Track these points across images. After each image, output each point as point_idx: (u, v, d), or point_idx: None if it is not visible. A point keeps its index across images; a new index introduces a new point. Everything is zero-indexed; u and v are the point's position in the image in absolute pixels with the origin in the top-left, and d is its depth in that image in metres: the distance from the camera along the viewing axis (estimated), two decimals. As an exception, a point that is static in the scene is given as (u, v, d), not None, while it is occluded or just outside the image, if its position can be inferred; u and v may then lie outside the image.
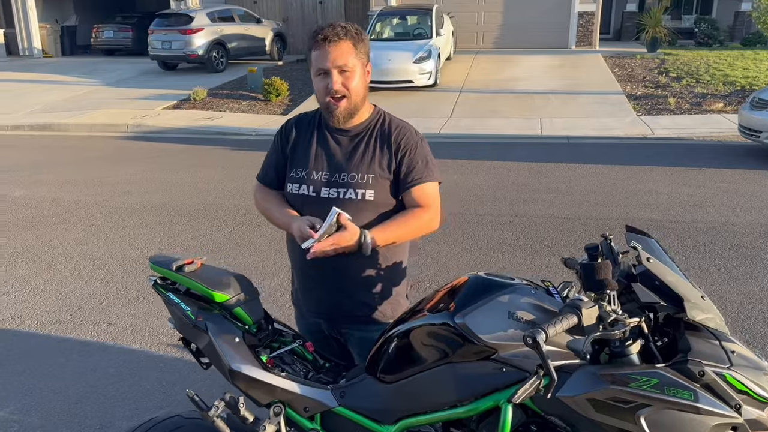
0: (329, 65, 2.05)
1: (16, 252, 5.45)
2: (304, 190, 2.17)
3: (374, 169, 2.13)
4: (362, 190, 2.12)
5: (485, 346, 1.66)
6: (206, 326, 1.85)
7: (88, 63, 18.91)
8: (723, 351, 1.61)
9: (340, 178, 2.14)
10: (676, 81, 12.98)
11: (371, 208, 2.13)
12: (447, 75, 14.41)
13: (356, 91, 2.10)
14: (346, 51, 2.05)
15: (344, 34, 2.06)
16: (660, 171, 7.63)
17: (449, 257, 5.16)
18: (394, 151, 2.15)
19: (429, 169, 2.16)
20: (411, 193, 2.13)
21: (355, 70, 2.08)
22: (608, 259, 1.85)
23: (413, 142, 2.17)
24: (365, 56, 2.13)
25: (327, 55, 2.04)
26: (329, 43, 2.04)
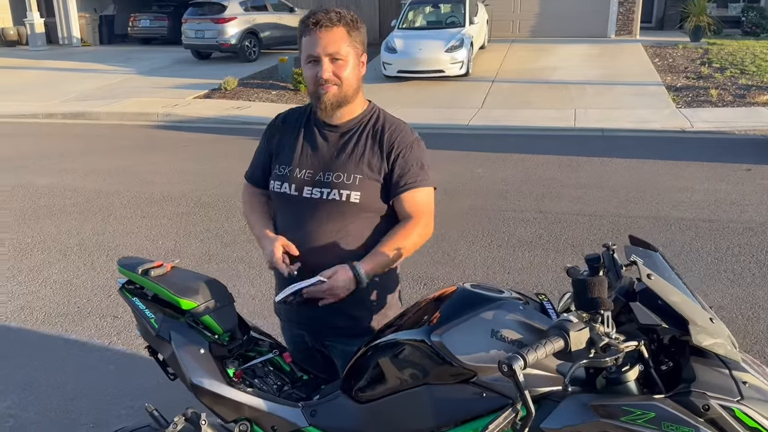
0: (320, 52, 1.89)
1: (34, 241, 5.46)
2: (286, 189, 2.02)
3: (362, 169, 1.96)
4: (347, 191, 1.95)
5: (463, 368, 1.50)
6: (169, 336, 1.73)
7: (124, 52, 19.12)
8: (733, 381, 1.41)
9: (324, 177, 1.98)
10: (720, 72, 12.45)
11: (355, 211, 1.97)
12: (480, 64, 14.10)
13: (348, 80, 1.94)
14: (339, 38, 1.90)
15: (338, 20, 1.90)
16: (697, 166, 7.28)
17: (466, 255, 4.97)
18: (387, 151, 1.98)
19: (424, 173, 2.01)
20: (402, 199, 1.97)
21: (347, 59, 1.92)
22: (610, 272, 1.67)
23: (408, 143, 2.00)
24: (360, 45, 1.97)
25: (318, 41, 1.89)
26: (321, 28, 1.89)
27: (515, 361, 1.29)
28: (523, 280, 4.51)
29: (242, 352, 1.87)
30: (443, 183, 6.77)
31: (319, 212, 1.97)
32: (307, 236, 1.98)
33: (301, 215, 2.00)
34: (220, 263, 4.95)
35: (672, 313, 1.44)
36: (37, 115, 11.90)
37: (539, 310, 1.67)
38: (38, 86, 14.39)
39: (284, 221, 2.07)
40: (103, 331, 3.94)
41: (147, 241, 5.43)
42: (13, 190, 6.94)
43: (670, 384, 1.48)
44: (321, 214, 1.97)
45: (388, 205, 2.00)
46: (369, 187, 1.96)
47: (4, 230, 5.73)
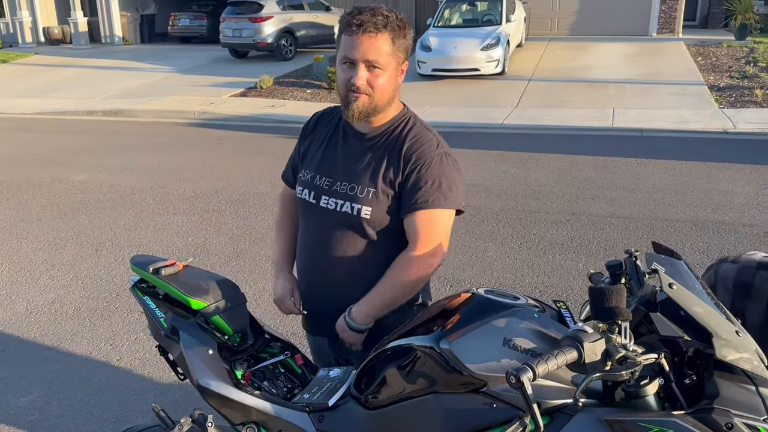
0: (358, 56, 1.75)
1: (68, 236, 5.56)
2: (306, 195, 1.95)
3: (377, 183, 1.84)
4: (359, 205, 1.84)
5: (473, 377, 1.44)
6: (178, 335, 1.71)
7: (163, 50, 19.44)
8: (759, 399, 1.33)
9: (340, 187, 1.88)
10: (766, 71, 12.04)
11: (365, 227, 1.86)
12: (516, 63, 13.92)
13: (382, 91, 1.79)
14: (382, 45, 1.75)
15: (384, 26, 1.74)
16: (738, 169, 7.04)
17: (495, 257, 4.88)
18: (404, 164, 1.83)
19: (440, 193, 1.81)
20: (410, 220, 1.82)
21: (386, 68, 1.78)
22: (632, 280, 1.59)
23: (428, 157, 1.82)
24: (403, 53, 1.82)
25: (358, 45, 1.74)
26: (364, 32, 1.73)
27: (524, 373, 1.23)
28: (553, 283, 4.41)
29: (253, 353, 1.85)
30: (476, 183, 6.69)
31: (332, 224, 1.90)
32: (322, 247, 1.92)
33: (316, 225, 1.94)
34: (248, 261, 4.97)
35: (695, 324, 1.36)
36: (78, 112, 12.18)
37: (556, 318, 1.60)
38: (80, 84, 14.74)
39: (303, 228, 2.03)
40: (130, 326, 3.98)
41: (177, 238, 5.48)
42: (51, 185, 7.09)
43: (693, 399, 1.40)
44: (333, 226, 1.90)
45: (398, 221, 1.87)
46: (382, 203, 1.84)
47: (41, 224, 5.85)
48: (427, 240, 1.81)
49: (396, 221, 1.85)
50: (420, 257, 1.80)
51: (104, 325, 4.01)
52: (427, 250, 1.80)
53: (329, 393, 1.64)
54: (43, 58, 18.51)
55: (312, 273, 1.97)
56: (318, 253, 1.92)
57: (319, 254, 1.92)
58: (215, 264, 4.89)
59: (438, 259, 1.84)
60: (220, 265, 4.88)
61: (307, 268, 2.00)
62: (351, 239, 1.86)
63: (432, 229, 1.81)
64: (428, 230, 1.81)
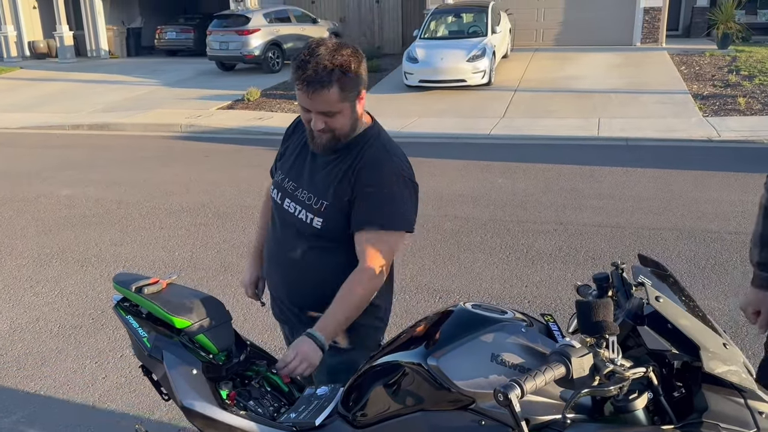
0: (312, 108, 1.81)
1: (53, 252, 5.50)
2: (275, 195, 2.07)
3: (329, 197, 1.89)
4: (312, 215, 1.92)
5: (461, 393, 1.43)
6: (162, 355, 1.69)
7: (150, 63, 19.39)
8: (748, 412, 1.33)
9: (301, 194, 1.98)
10: (748, 80, 12.18)
11: (316, 236, 1.92)
12: (503, 73, 14.00)
13: (343, 128, 1.87)
14: (331, 96, 1.77)
15: (328, 81, 1.74)
16: (723, 176, 7.09)
17: (483, 268, 4.88)
18: (356, 181, 1.86)
19: (390, 215, 1.84)
20: (358, 236, 1.88)
21: (342, 110, 1.82)
22: (619, 293, 1.59)
23: (383, 179, 1.86)
24: (357, 89, 1.83)
25: (310, 101, 1.79)
26: (312, 92, 1.75)
27: (511, 390, 1.22)
28: (542, 294, 4.41)
29: (238, 371, 1.82)
30: (464, 194, 6.70)
31: (289, 226, 2.00)
32: (277, 244, 2.07)
33: (279, 223, 2.06)
34: (235, 274, 4.93)
35: (682, 337, 1.36)
36: (63, 126, 12.09)
37: (544, 332, 1.60)
38: (66, 98, 14.65)
39: (270, 222, 2.15)
40: (116, 343, 3.93)
41: (164, 252, 5.44)
42: (36, 200, 7.02)
43: (682, 413, 1.39)
44: (290, 228, 2.00)
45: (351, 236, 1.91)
46: (333, 216, 1.89)
47: (25, 240, 5.79)
48: (372, 259, 1.84)
49: (346, 234, 1.90)
50: (365, 277, 1.84)
51: (89, 343, 3.95)
52: (372, 268, 1.83)
53: (316, 412, 1.62)
54: (29, 72, 18.40)
55: (272, 265, 2.13)
56: (278, 249, 2.07)
57: (278, 250, 2.06)
58: (202, 278, 4.85)
59: (380, 280, 1.87)
60: (207, 279, 4.84)
61: (268, 258, 2.15)
62: (303, 244, 1.96)
63: (375, 250, 1.84)
64: (371, 250, 1.84)
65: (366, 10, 20.50)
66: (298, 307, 2.07)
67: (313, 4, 20.74)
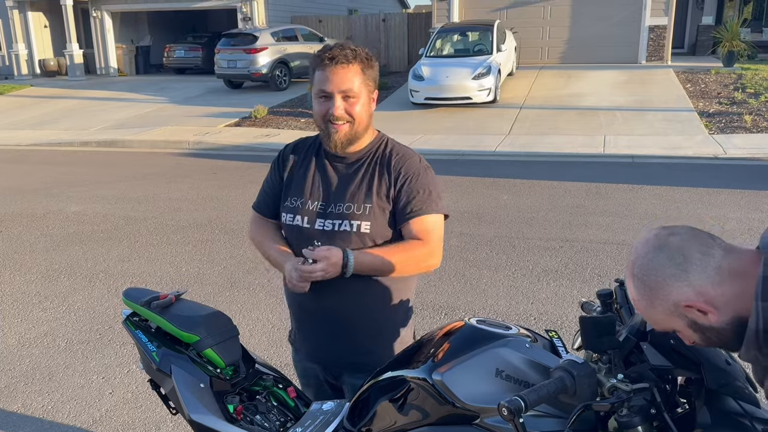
0: (333, 89, 1.89)
1: (61, 267, 5.54)
2: (299, 221, 2.00)
3: (372, 199, 1.96)
4: (357, 221, 1.94)
5: (465, 409, 1.44)
6: (170, 369, 1.71)
7: (158, 81, 19.59)
8: (751, 427, 1.33)
9: (335, 208, 1.97)
10: (754, 97, 12.20)
11: (365, 241, 1.95)
12: (508, 91, 14.08)
13: (360, 117, 1.94)
14: (354, 75, 1.89)
15: (353, 57, 1.90)
16: (729, 194, 7.10)
17: (489, 284, 4.89)
18: (394, 179, 1.97)
19: (431, 200, 1.97)
20: (409, 226, 1.95)
21: (360, 97, 1.92)
22: (623, 308, 1.61)
23: (415, 170, 1.99)
24: (373, 83, 1.97)
25: (332, 77, 1.89)
26: (336, 64, 1.88)
27: (515, 404, 1.23)
28: (547, 310, 4.41)
29: (246, 386, 1.84)
30: (470, 210, 6.72)
31: (333, 244, 1.94)
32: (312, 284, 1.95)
33: None
34: (241, 290, 4.95)
35: (685, 353, 1.36)
36: (73, 143, 12.22)
37: (549, 348, 1.61)
38: (75, 115, 14.82)
39: (298, 254, 2.03)
40: (123, 359, 3.95)
41: (171, 268, 5.47)
42: (44, 217, 7.08)
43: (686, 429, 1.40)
44: (335, 245, 1.94)
45: (395, 232, 1.98)
46: (378, 216, 1.96)
47: (34, 256, 5.84)
48: (430, 240, 1.94)
49: (393, 233, 1.96)
50: (420, 247, 1.93)
51: (97, 358, 3.98)
52: (426, 246, 1.93)
53: (322, 427, 1.64)
54: (39, 90, 18.64)
55: (310, 297, 1.96)
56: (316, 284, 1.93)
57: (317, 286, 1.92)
58: (209, 294, 4.87)
59: (435, 260, 1.98)
60: (213, 295, 4.86)
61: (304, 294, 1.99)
62: None
63: (429, 232, 1.94)
64: (426, 233, 1.93)
65: (372, 28, 20.70)
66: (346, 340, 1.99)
67: (321, 23, 20.96)
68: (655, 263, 1.15)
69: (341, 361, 2.00)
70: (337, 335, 1.96)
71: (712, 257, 1.13)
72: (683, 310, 1.14)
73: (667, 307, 1.16)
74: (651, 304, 1.18)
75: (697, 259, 1.12)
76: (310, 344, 2.04)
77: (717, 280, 1.11)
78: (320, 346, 2.00)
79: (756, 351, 1.11)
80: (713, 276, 1.11)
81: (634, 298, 1.22)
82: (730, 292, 1.11)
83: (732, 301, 1.11)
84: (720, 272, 1.11)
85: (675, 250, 1.14)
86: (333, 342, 1.96)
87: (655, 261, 1.15)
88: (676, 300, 1.14)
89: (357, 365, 1.98)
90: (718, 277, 1.11)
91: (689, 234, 1.17)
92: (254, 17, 19.83)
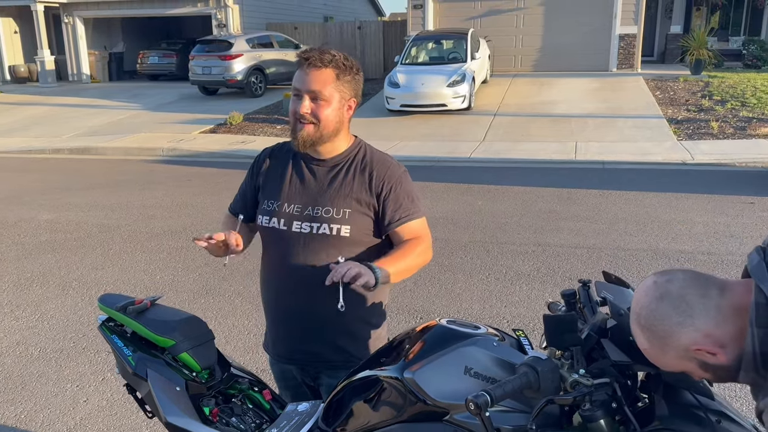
0: (303, 88, 1.93)
1: (33, 276, 5.49)
2: (275, 223, 2.03)
3: (351, 204, 1.99)
4: (337, 225, 1.97)
5: (436, 405, 1.49)
6: (146, 373, 1.73)
7: (132, 88, 19.43)
8: (706, 419, 1.40)
9: (313, 211, 2.00)
10: (720, 104, 12.51)
11: (346, 244, 1.98)
12: (482, 98, 14.24)
13: (326, 121, 1.95)
14: (326, 79, 1.92)
15: (329, 62, 1.93)
16: (697, 199, 7.28)
17: (464, 288, 4.96)
18: (376, 187, 2.00)
19: (415, 205, 2.04)
20: (401, 231, 2.00)
21: (331, 101, 1.94)
22: (586, 308, 1.67)
23: (396, 178, 2.03)
24: (350, 91, 1.98)
25: (304, 77, 1.93)
26: (310, 66, 1.92)
27: (482, 399, 1.28)
28: (521, 313, 4.49)
29: (221, 389, 1.87)
30: (445, 216, 6.80)
31: (309, 246, 1.99)
32: (297, 270, 2.00)
33: (290, 249, 2.01)
34: (216, 297, 4.96)
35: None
36: (44, 150, 12.08)
37: (516, 346, 1.67)
38: (47, 122, 14.63)
39: (274, 255, 2.08)
40: (97, 366, 3.93)
41: (145, 276, 5.45)
42: (16, 225, 7.00)
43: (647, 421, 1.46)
44: (311, 248, 1.99)
45: (378, 238, 2.02)
46: (359, 221, 1.99)
47: (5, 265, 5.77)
48: (424, 239, 2.02)
49: (371, 237, 2.00)
50: (421, 245, 2.01)
51: (70, 366, 3.95)
52: (424, 244, 2.03)
53: (297, 428, 1.67)
54: (9, 97, 18.36)
55: (287, 297, 2.03)
56: (293, 276, 2.00)
57: (295, 277, 1.99)
58: (184, 301, 4.87)
59: (429, 256, 2.06)
60: (189, 302, 4.85)
61: (280, 294, 2.06)
62: (332, 257, 1.93)
63: (420, 233, 2.02)
64: (418, 234, 2.01)
65: (348, 35, 20.78)
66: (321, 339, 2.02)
67: (296, 30, 20.99)
68: (661, 313, 1.20)
69: (317, 361, 2.04)
70: (312, 334, 2.00)
71: (710, 298, 1.17)
72: (693, 354, 1.19)
73: (678, 353, 1.21)
74: (662, 351, 1.23)
75: (699, 303, 1.17)
76: (286, 345, 2.07)
77: (720, 320, 1.16)
78: (295, 346, 2.03)
79: (754, 373, 1.16)
80: (716, 317, 1.16)
81: (645, 348, 1.27)
82: (732, 329, 1.16)
83: (736, 337, 1.16)
84: (721, 311, 1.16)
85: (677, 298, 1.19)
86: (308, 342, 2.00)
87: (660, 311, 1.20)
88: (686, 345, 1.18)
89: (333, 364, 2.02)
90: (721, 317, 1.16)
91: (686, 278, 1.21)
92: (229, 24, 19.79)
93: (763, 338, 1.12)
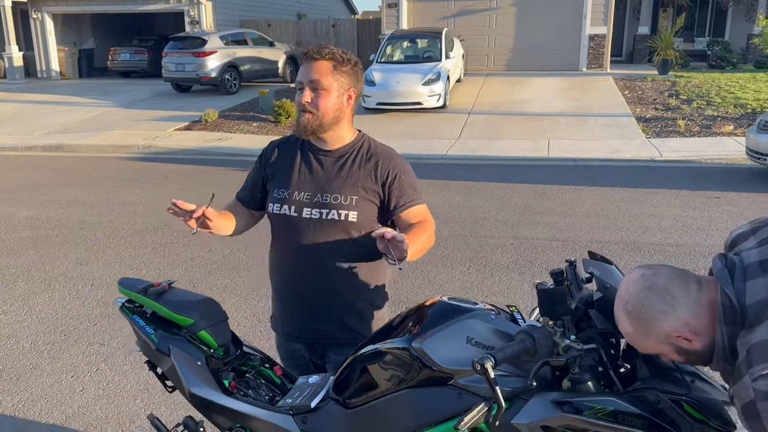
0: (304, 80, 2.08)
1: (18, 272, 5.51)
2: (286, 210, 2.17)
3: (358, 191, 2.13)
4: (345, 211, 2.12)
5: (441, 371, 1.65)
6: (169, 350, 1.86)
7: (103, 85, 19.23)
8: (681, 378, 1.58)
9: (322, 198, 2.14)
10: (687, 103, 12.92)
11: (353, 229, 2.13)
12: (456, 97, 14.46)
13: (325, 110, 2.09)
14: (324, 70, 2.07)
15: (326, 54, 2.08)
16: (665, 194, 7.57)
17: (446, 279, 5.13)
18: (382, 176, 2.15)
19: (418, 193, 2.20)
20: (406, 215, 2.15)
21: (330, 91, 2.08)
22: (572, 284, 1.84)
23: (400, 168, 2.19)
24: (348, 82, 2.11)
25: (305, 70, 2.09)
26: (310, 59, 2.08)
27: (487, 360, 1.44)
28: (500, 302, 4.63)
29: (236, 365, 2.00)
30: (422, 211, 6.97)
31: (318, 231, 2.13)
32: (307, 253, 2.14)
33: (300, 234, 2.15)
34: (204, 290, 5.01)
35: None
36: (16, 147, 11.94)
37: (509, 319, 1.83)
38: (17, 119, 14.44)
39: (284, 240, 2.21)
40: (91, 357, 4.01)
41: (131, 271, 5.51)
42: (-5, 222, 6.98)
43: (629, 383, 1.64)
44: (320, 232, 2.13)
45: (384, 224, 2.16)
46: (365, 207, 2.13)
47: (-12, 261, 5.77)
48: (430, 222, 2.18)
49: (376, 222, 2.15)
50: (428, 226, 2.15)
51: (64, 358, 4.02)
52: (432, 226, 2.18)
53: (311, 396, 1.81)
54: (-24, 94, 18.03)
55: (296, 279, 2.17)
56: (303, 259, 2.14)
57: (305, 260, 2.14)
58: (172, 295, 4.94)
59: (434, 238, 2.19)
60: (177, 295, 4.93)
61: (290, 276, 2.20)
62: (338, 242, 2.10)
63: (425, 216, 2.18)
64: (423, 217, 2.17)
65: (322, 33, 20.86)
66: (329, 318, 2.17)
67: (270, 28, 20.99)
68: (648, 302, 1.37)
69: (325, 338, 2.18)
70: (320, 313, 2.14)
71: (691, 292, 1.36)
72: (673, 340, 1.38)
73: (659, 338, 1.39)
74: (645, 336, 1.40)
75: (681, 296, 1.35)
76: (295, 324, 2.21)
77: (697, 311, 1.35)
78: (304, 324, 2.17)
79: (723, 362, 1.36)
80: (694, 308, 1.35)
81: (628, 332, 1.43)
82: (707, 320, 1.35)
83: (709, 327, 1.35)
84: (699, 304, 1.35)
85: (663, 289, 1.36)
86: (316, 320, 2.14)
87: (647, 300, 1.37)
88: (667, 331, 1.37)
89: (340, 342, 2.16)
90: (698, 309, 1.35)
91: (670, 272, 1.39)
92: (202, 21, 19.71)
93: (729, 334, 1.32)
